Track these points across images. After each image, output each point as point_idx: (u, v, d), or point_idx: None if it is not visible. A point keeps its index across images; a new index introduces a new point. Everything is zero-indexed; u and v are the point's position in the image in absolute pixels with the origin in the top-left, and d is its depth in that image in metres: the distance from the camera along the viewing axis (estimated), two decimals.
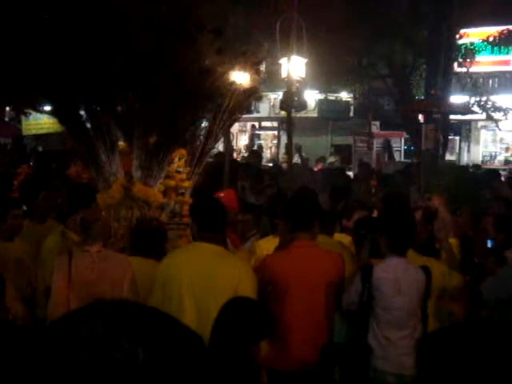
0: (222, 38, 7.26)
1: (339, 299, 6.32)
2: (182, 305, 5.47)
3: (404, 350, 6.08)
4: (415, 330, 6.14)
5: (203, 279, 5.55)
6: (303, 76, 10.96)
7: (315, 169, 20.74)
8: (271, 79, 11.09)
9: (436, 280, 6.27)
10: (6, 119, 29.75)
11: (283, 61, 10.50)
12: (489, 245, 7.22)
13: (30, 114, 19.99)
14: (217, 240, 5.76)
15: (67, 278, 5.94)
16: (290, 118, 10.96)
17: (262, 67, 8.58)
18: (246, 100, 8.24)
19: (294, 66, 10.54)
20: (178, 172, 7.69)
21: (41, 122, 20.59)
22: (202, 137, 7.72)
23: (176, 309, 5.34)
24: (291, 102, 10.75)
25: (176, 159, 7.46)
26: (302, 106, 12.26)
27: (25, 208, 7.36)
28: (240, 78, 7.76)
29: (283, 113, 26.23)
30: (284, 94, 11.09)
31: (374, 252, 6.49)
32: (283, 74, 10.69)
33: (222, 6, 6.95)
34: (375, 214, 9.46)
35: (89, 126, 7.20)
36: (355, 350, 6.21)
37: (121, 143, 7.37)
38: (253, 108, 8.68)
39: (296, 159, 23.85)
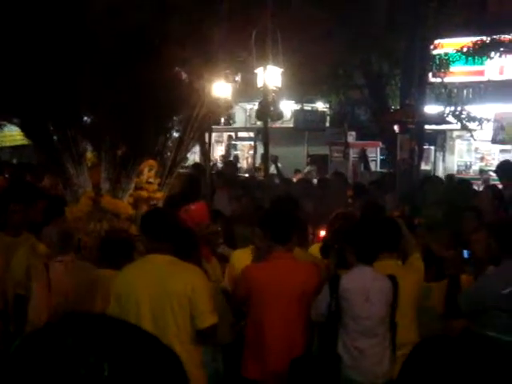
0: (187, 48, 7.23)
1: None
2: (139, 316, 5.42)
3: (374, 359, 6.08)
4: (385, 339, 6.12)
5: (157, 288, 5.52)
6: (279, 86, 10.96)
7: (294, 179, 20.80)
8: (247, 89, 11.08)
9: (408, 288, 6.24)
10: None
11: (259, 70, 10.50)
12: (465, 255, 7.22)
13: (5, 125, 19.91)
14: (168, 250, 5.71)
15: (47, 287, 6.01)
16: (266, 128, 10.96)
17: (238, 77, 8.55)
18: (217, 110, 8.21)
19: (270, 75, 10.53)
20: (149, 183, 7.64)
21: (14, 133, 20.46)
22: (171, 147, 7.67)
23: (134, 320, 5.29)
24: (267, 111, 10.74)
25: (145, 170, 7.41)
26: (278, 115, 12.28)
27: None
28: (210, 86, 7.74)
29: (259, 123, 26.34)
30: (260, 103, 11.09)
31: (341, 263, 6.48)
32: (259, 84, 10.68)
33: (188, 17, 6.91)
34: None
35: (56, 138, 7.13)
36: (325, 360, 6.19)
37: (89, 155, 7.32)
38: (225, 119, 8.62)
39: (272, 170, 23.89)
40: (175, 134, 7.98)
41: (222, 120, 8.68)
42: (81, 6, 6.66)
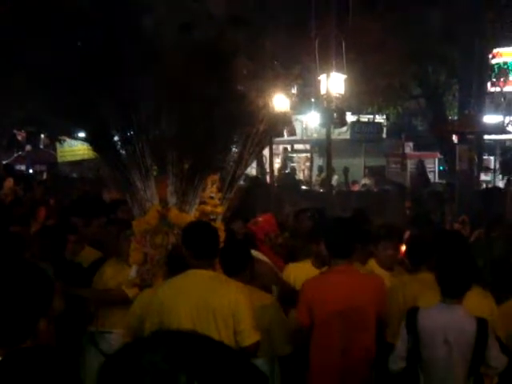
0: (255, 61, 7.25)
1: (381, 327, 6.17)
2: None
3: None
4: None
5: (200, 304, 5.48)
6: (342, 93, 10.89)
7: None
8: (303, 101, 11.07)
9: None
10: (41, 146, 30.08)
11: (322, 77, 10.46)
12: None
13: (65, 140, 20.20)
14: (211, 266, 5.71)
15: None
16: (328, 136, 10.80)
17: (294, 90, 8.55)
18: (277, 124, 8.21)
19: (333, 82, 10.47)
20: (212, 198, 7.67)
21: (75, 148, 20.78)
22: (232, 162, 7.69)
23: None
24: (331, 118, 10.67)
25: (209, 185, 7.45)
26: (342, 122, 12.15)
27: None
28: (271, 102, 7.74)
29: (316, 135, 26.35)
30: (323, 111, 11.01)
31: None
32: (322, 91, 10.63)
33: (257, 29, 6.95)
34: (407, 235, 9.37)
35: (123, 152, 7.21)
36: None
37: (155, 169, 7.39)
38: (288, 131, 8.64)
39: (334, 181, 23.85)
40: (234, 149, 8.00)
41: (285, 133, 8.67)
42: (150, 21, 6.74)
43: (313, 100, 12.11)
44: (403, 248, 7.50)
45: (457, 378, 5.50)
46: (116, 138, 7.30)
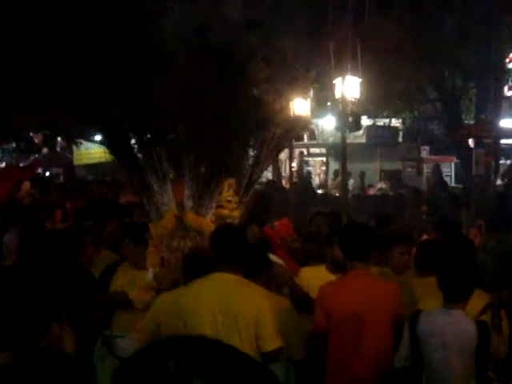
0: (271, 65, 7.25)
1: (398, 332, 6.15)
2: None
3: None
4: None
5: (222, 308, 5.46)
6: (357, 97, 10.86)
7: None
8: (319, 105, 11.04)
9: None
10: (58, 149, 30.21)
11: (337, 81, 10.42)
12: None
13: (81, 143, 20.26)
14: (236, 270, 5.66)
15: None
16: (344, 140, 10.73)
17: (310, 93, 8.55)
18: (294, 128, 8.21)
19: (349, 86, 10.43)
20: (228, 201, 7.68)
21: (91, 151, 20.84)
22: (248, 166, 7.70)
23: None
24: (345, 122, 10.62)
25: (225, 188, 7.46)
26: (357, 126, 12.07)
27: None
28: (288, 105, 7.75)
29: (331, 139, 26.31)
30: (338, 114, 10.97)
31: None
32: (337, 95, 10.60)
33: (272, 32, 6.95)
34: (424, 238, 9.35)
35: (140, 156, 7.24)
36: None
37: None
38: (307, 135, 8.65)
39: (349, 185, 23.82)
40: (251, 153, 8.00)
41: (305, 136, 8.63)
42: (165, 25, 6.75)
43: (329, 104, 12.06)
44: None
45: (458, 379, 5.55)
46: (133, 142, 7.33)
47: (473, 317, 5.69)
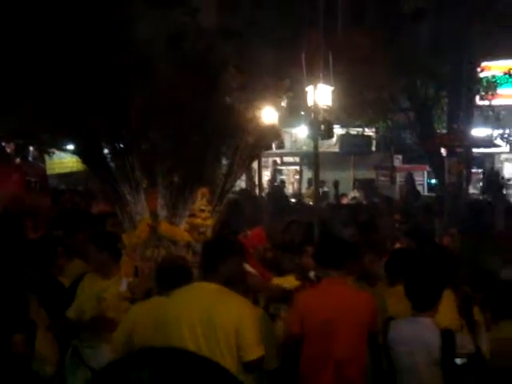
0: (244, 73, 7.25)
1: (372, 340, 6.17)
2: (183, 345, 5.36)
3: None
4: None
5: (203, 318, 5.43)
6: (329, 104, 10.88)
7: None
8: (292, 114, 11.04)
9: None
10: (30, 159, 30.00)
11: (309, 89, 10.44)
12: None
13: (54, 153, 20.13)
14: (217, 279, 5.63)
15: None
16: (316, 148, 10.69)
17: (284, 102, 8.57)
18: (266, 137, 8.22)
19: (321, 94, 10.45)
20: (202, 210, 7.67)
21: (64, 161, 20.65)
22: (221, 175, 7.69)
23: None
24: (318, 130, 10.62)
25: (199, 197, 7.45)
26: (330, 134, 12.07)
27: None
28: (260, 113, 7.76)
29: (305, 147, 26.37)
30: (310, 122, 10.97)
31: None
32: (309, 103, 10.61)
33: (246, 42, 6.96)
34: (397, 246, 9.41)
35: (113, 165, 7.20)
36: None
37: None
38: (276, 144, 8.63)
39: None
40: (224, 162, 8.00)
41: (274, 145, 8.55)
42: (139, 34, 6.74)
43: (302, 113, 12.09)
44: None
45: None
46: (106, 151, 7.30)
47: (446, 318, 5.79)
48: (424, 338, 5.65)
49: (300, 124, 20.42)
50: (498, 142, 21.96)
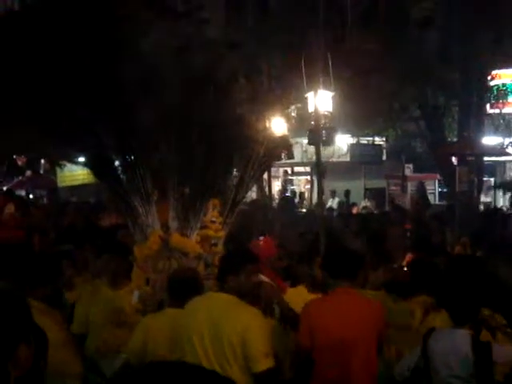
0: (253, 84, 7.26)
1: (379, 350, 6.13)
2: (195, 356, 5.38)
3: None
4: None
5: (212, 330, 5.45)
6: (330, 110, 10.84)
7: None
8: (303, 124, 11.02)
9: None
10: (41, 171, 30.11)
11: (310, 95, 10.41)
12: None
13: (65, 165, 20.21)
14: (230, 289, 5.65)
15: None
16: (318, 154, 10.53)
17: (294, 112, 8.57)
18: (277, 148, 8.21)
19: (321, 100, 10.39)
20: (213, 222, 7.67)
21: (75, 173, 20.78)
22: (233, 186, 7.69)
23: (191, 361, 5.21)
24: (319, 136, 10.54)
25: (210, 209, 7.45)
26: (330, 140, 11.99)
27: None
28: (270, 124, 7.76)
29: (315, 157, 26.32)
30: (311, 129, 10.92)
31: None
32: (310, 109, 10.56)
33: (253, 53, 6.97)
34: (409, 258, 9.35)
35: (124, 177, 7.22)
36: None
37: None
38: (286, 154, 8.59)
39: (330, 203, 23.81)
40: (235, 173, 8.00)
41: (284, 156, 8.54)
42: (147, 46, 6.76)
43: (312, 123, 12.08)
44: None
45: None
46: (117, 163, 7.31)
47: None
48: (458, 350, 5.53)
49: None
50: (509, 150, 21.84)
